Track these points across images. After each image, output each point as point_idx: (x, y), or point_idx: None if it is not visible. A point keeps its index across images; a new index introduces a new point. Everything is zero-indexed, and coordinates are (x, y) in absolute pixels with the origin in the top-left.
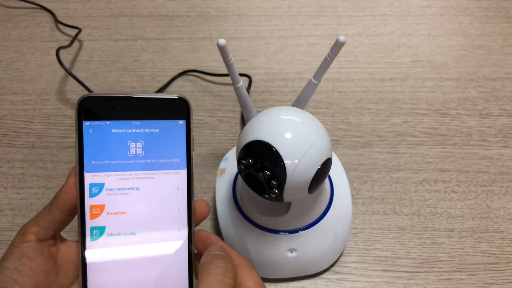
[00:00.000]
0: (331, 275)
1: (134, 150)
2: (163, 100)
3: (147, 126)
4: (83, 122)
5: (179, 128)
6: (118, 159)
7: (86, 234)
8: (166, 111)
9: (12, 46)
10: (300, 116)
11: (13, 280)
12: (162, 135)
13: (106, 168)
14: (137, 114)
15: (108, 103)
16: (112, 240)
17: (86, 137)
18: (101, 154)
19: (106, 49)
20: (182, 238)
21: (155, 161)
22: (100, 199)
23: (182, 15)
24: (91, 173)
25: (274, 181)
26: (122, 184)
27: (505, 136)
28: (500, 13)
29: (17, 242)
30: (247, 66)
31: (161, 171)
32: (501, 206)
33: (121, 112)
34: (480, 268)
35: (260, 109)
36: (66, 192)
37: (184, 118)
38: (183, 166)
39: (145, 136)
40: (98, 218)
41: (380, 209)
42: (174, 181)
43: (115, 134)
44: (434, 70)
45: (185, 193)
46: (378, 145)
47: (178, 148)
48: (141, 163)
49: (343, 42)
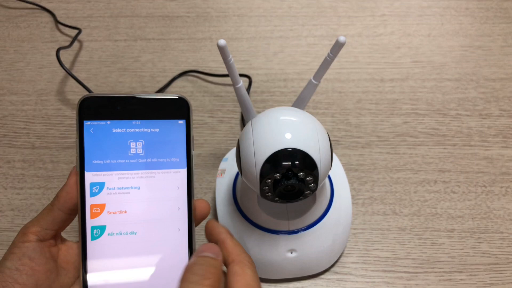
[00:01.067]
0: (331, 276)
1: (134, 150)
2: (163, 100)
3: (147, 125)
4: (84, 122)
5: (179, 128)
6: (119, 158)
7: (87, 233)
8: (166, 111)
9: (12, 46)
10: (296, 114)
11: (13, 280)
12: (162, 134)
13: (106, 167)
14: (137, 114)
15: (109, 103)
16: (113, 240)
17: (87, 137)
18: (102, 153)
19: (106, 50)
20: (183, 236)
21: (155, 160)
22: (101, 198)
23: (182, 16)
24: (92, 173)
25: (310, 177)
26: (122, 183)
27: (505, 136)
28: (500, 14)
29: (18, 242)
30: (247, 67)
31: (161, 171)
32: (501, 206)
33: (121, 112)
34: (480, 268)
35: (260, 109)
36: (67, 192)
37: (184, 118)
38: (183, 165)
39: (145, 136)
40: (98, 217)
41: (380, 210)
42: (174, 180)
43: (116, 134)
44: (434, 70)
45: (185, 192)
46: (378, 145)
47: (178, 148)
48: (141, 163)
49: (343, 43)
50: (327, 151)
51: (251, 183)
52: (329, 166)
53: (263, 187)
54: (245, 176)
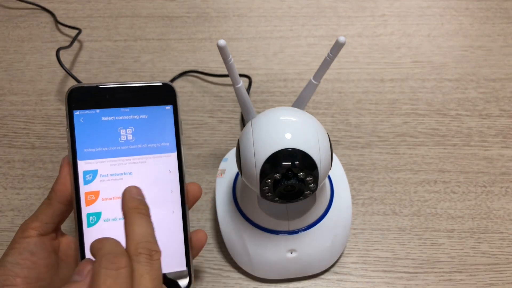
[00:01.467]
0: (331, 276)
1: (125, 137)
2: (149, 87)
3: (135, 112)
4: (74, 111)
5: (167, 113)
6: (110, 145)
7: (83, 220)
8: (153, 97)
9: (12, 46)
10: (296, 114)
11: (14, 274)
12: (151, 120)
13: (98, 155)
14: (125, 102)
15: (97, 92)
16: (109, 225)
17: (77, 126)
18: (93, 141)
19: (106, 50)
20: (177, 218)
21: (145, 146)
22: (95, 185)
23: (182, 16)
24: (84, 161)
25: (310, 177)
26: (115, 169)
27: (505, 136)
28: (500, 14)
29: (18, 238)
30: (247, 67)
31: (152, 155)
32: (501, 206)
33: (110, 100)
34: (480, 268)
35: (260, 109)
36: (62, 183)
37: (171, 103)
38: (173, 149)
39: (134, 122)
40: (93, 205)
41: (380, 210)
42: (165, 164)
43: (106, 122)
44: (434, 70)
45: (177, 175)
46: (378, 145)
47: (167, 132)
48: (132, 149)
49: (343, 43)
50: (327, 151)
51: (251, 183)
52: (329, 166)
53: (263, 187)
54: (245, 176)
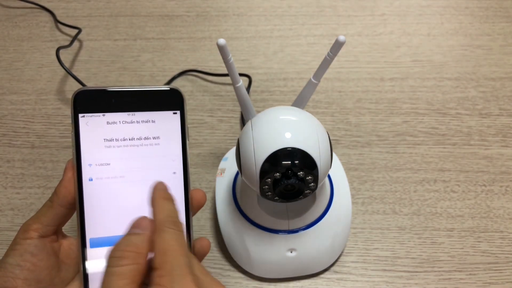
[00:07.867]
0: (331, 275)
1: (130, 141)
2: (156, 92)
3: (142, 117)
4: (79, 115)
5: (174, 119)
6: (115, 150)
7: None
8: (160, 102)
9: (11, 46)
10: (295, 114)
11: (14, 275)
12: (157, 126)
13: (103, 159)
14: (131, 106)
15: (103, 96)
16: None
17: (82, 130)
18: (98, 145)
19: (106, 49)
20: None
21: (151, 151)
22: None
23: (181, 15)
24: (89, 165)
25: (309, 177)
26: (119, 173)
27: (505, 135)
28: (500, 13)
29: (19, 239)
30: (247, 66)
31: (157, 161)
32: (501, 205)
33: (116, 104)
34: (480, 267)
35: (260, 109)
36: (65, 187)
37: (179, 109)
38: (179, 156)
39: (140, 128)
40: None
41: (380, 209)
42: (170, 168)
43: (111, 126)
44: (434, 69)
45: (182, 181)
46: (378, 144)
47: (173, 138)
48: (137, 153)
49: (342, 42)
50: (327, 150)
51: (251, 182)
52: (329, 166)
53: (263, 187)
54: (245, 175)
